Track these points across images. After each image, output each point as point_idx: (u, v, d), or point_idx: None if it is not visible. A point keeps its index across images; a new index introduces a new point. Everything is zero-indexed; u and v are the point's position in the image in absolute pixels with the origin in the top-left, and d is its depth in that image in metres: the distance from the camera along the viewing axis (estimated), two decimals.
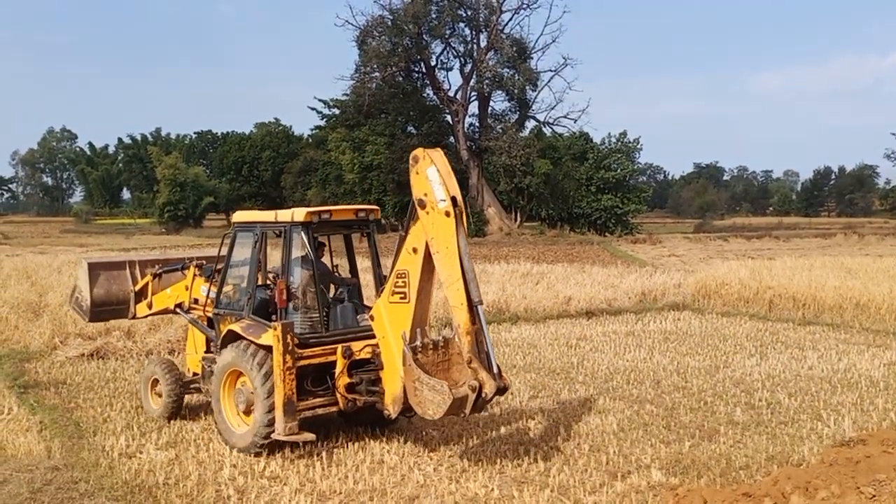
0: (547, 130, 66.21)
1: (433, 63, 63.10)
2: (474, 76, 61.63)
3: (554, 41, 68.19)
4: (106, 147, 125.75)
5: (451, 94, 63.24)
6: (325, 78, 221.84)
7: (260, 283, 10.55)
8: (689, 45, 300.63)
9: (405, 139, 62.87)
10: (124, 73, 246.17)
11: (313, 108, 77.25)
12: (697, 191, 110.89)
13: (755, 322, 20.14)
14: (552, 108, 63.14)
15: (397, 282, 9.37)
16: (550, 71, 62.23)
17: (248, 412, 9.88)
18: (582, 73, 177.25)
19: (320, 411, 9.94)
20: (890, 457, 7.33)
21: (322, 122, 77.72)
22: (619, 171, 65.92)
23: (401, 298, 9.33)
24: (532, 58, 62.11)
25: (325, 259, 10.90)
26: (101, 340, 15.94)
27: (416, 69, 64.06)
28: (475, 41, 62.38)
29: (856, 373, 14.12)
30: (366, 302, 10.85)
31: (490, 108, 63.61)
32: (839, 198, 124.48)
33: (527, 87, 61.67)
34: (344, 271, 11.17)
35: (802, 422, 11.16)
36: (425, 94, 65.39)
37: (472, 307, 8.80)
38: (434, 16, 60.33)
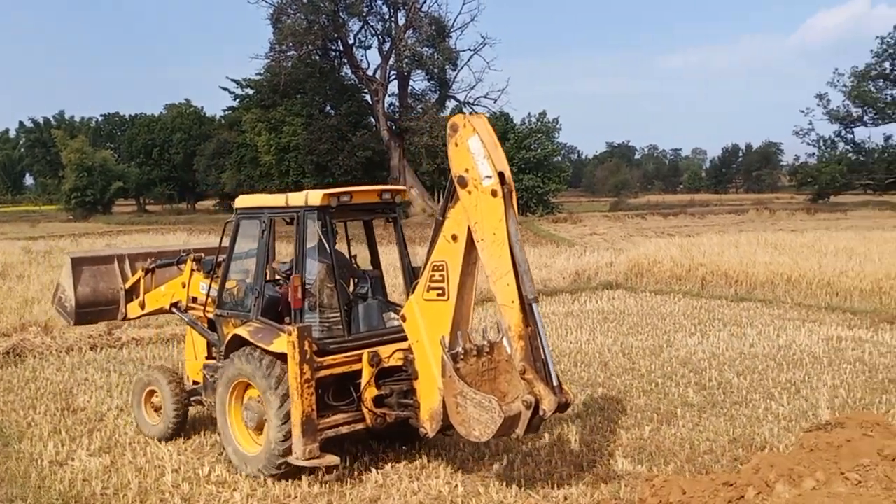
0: (467, 110, 65.88)
1: (351, 41, 62.18)
2: (393, 55, 60.86)
3: (472, 20, 68.45)
4: (6, 131, 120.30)
5: (369, 73, 62.49)
6: (238, 57, 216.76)
7: (267, 278, 9.20)
8: (602, 24, 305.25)
9: (323, 119, 61.78)
10: (23, 52, 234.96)
11: (225, 89, 74.98)
12: (611, 170, 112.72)
13: (689, 300, 20.26)
14: (472, 88, 63.15)
15: (434, 275, 7.98)
16: (470, 50, 62.10)
17: (259, 429, 8.52)
18: (501, 53, 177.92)
19: (344, 430, 8.39)
20: (872, 440, 7.20)
21: (235, 103, 75.56)
22: (539, 150, 66.20)
23: (438, 295, 7.96)
24: (451, 37, 61.80)
25: (341, 248, 9.39)
26: (17, 337, 14.82)
27: (334, 48, 62.93)
28: (393, 19, 61.58)
29: (797, 349, 14.23)
30: (391, 298, 9.69)
31: (410, 88, 63.08)
32: (746, 174, 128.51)
33: (446, 67, 61.33)
34: (363, 262, 9.71)
35: (756, 402, 11.10)
36: (343, 74, 64.42)
37: (524, 306, 7.44)
38: None
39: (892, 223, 44.56)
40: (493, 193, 7.49)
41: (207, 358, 9.88)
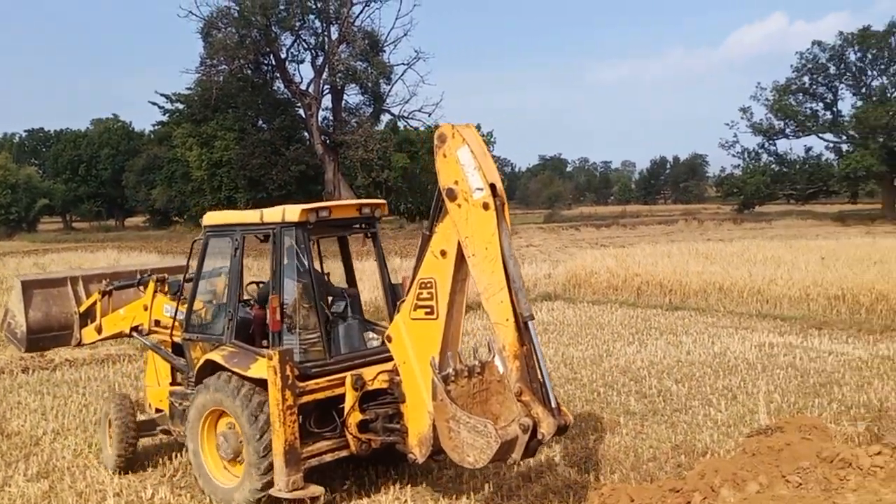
0: (402, 124, 66.10)
1: (283, 56, 61.66)
2: (326, 69, 60.61)
3: (406, 34, 68.38)
4: None
5: (303, 87, 62.04)
6: (168, 71, 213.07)
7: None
8: (533, 39, 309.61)
9: (256, 134, 61.29)
10: None
11: (155, 103, 73.64)
12: (544, 182, 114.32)
13: (626, 309, 20.61)
14: (406, 102, 63.10)
15: (421, 293, 7.56)
16: (403, 64, 62.12)
17: (235, 461, 8.07)
18: (434, 67, 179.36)
19: (328, 458, 7.99)
20: (810, 443, 7.44)
21: (165, 118, 74.24)
22: None
23: (426, 314, 7.54)
24: (384, 51, 61.85)
25: (315, 265, 8.93)
26: None
27: (266, 62, 62.37)
28: (326, 34, 61.40)
29: (732, 356, 14.59)
30: (368, 317, 9.30)
31: (344, 102, 62.94)
32: (674, 186, 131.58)
33: (380, 81, 61.31)
34: (337, 280, 9.38)
35: (696, 408, 11.33)
36: (276, 88, 63.99)
37: (519, 324, 7.09)
38: (283, 7, 58.89)
39: (815, 232, 46.17)
40: (485, 206, 7.17)
41: (172, 384, 9.40)
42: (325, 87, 61.83)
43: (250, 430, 7.72)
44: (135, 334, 9.88)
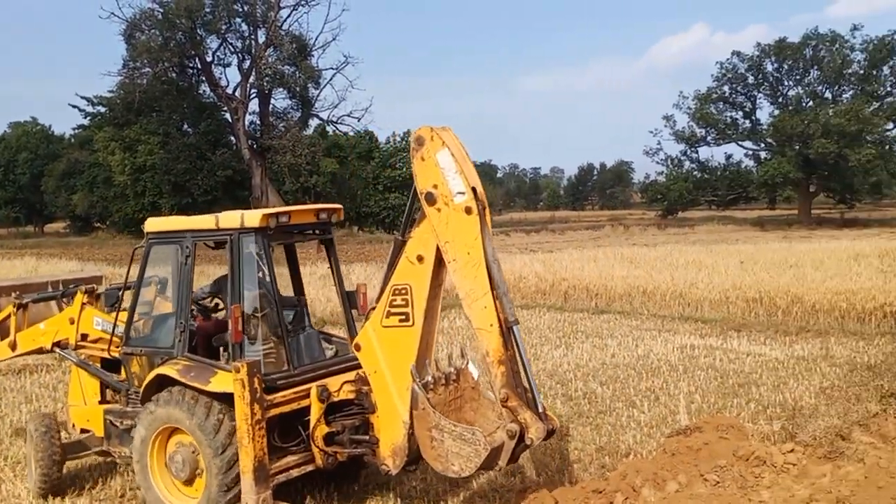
0: (331, 129, 65.64)
1: (209, 59, 60.53)
2: (254, 73, 59.81)
3: (334, 39, 68.01)
4: None
5: (229, 91, 61.00)
6: (89, 73, 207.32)
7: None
8: (465, 45, 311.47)
9: (181, 138, 59.99)
10: None
11: (75, 106, 71.45)
12: None
13: (553, 313, 20.86)
14: (335, 107, 62.87)
15: (395, 300, 7.37)
16: (332, 69, 61.69)
17: (191, 481, 7.70)
18: (364, 72, 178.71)
19: (295, 473, 7.73)
20: (727, 442, 7.63)
21: (86, 121, 72.11)
22: (405, 169, 66.58)
23: (401, 321, 7.37)
24: (313, 55, 61.35)
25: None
26: None
27: (191, 65, 61.15)
28: (253, 37, 60.50)
29: (654, 358, 14.91)
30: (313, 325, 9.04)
31: (271, 106, 62.04)
32: (601, 192, 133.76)
33: (309, 85, 60.76)
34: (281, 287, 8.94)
35: (619, 410, 11.54)
36: (202, 91, 62.73)
37: (504, 329, 7.02)
38: (208, 10, 57.86)
39: (735, 237, 47.56)
40: (468, 210, 7.04)
41: (102, 402, 8.93)
42: (252, 91, 60.99)
43: (211, 447, 7.38)
44: (58, 350, 9.33)
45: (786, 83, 69.86)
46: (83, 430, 8.98)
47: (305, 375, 7.96)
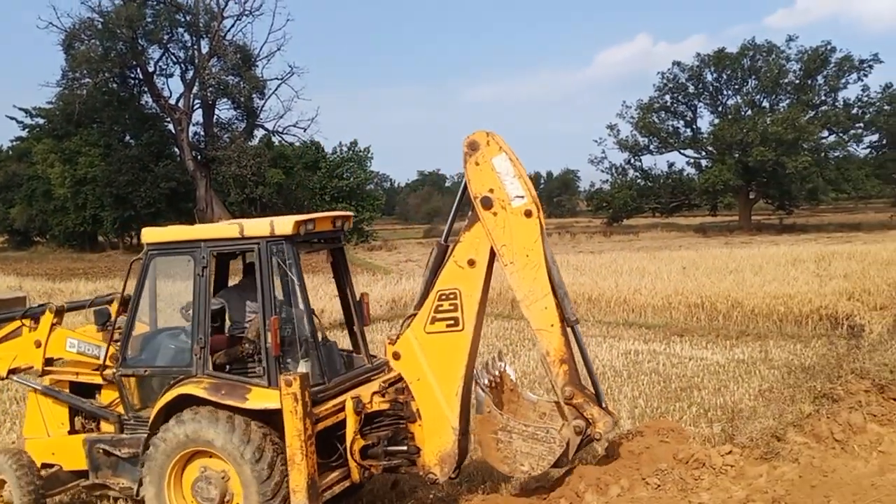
0: (277, 139, 65.14)
1: (151, 69, 59.58)
2: (197, 83, 59.06)
3: (279, 49, 67.19)
4: None
5: (172, 101, 60.10)
6: (26, 84, 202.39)
7: (173, 324, 8.00)
8: (411, 56, 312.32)
9: (123, 150, 58.98)
10: None
11: (13, 118, 69.81)
12: (423, 197, 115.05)
13: (501, 321, 20.99)
14: (281, 117, 62.30)
15: (441, 305, 7.35)
16: (277, 79, 61.23)
17: None
18: (310, 82, 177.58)
19: (337, 489, 7.44)
20: (668, 446, 7.79)
21: (24, 133, 70.51)
22: (352, 179, 66.44)
23: (449, 326, 7.34)
24: (257, 65, 60.80)
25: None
26: None
27: (133, 75, 60.09)
28: (196, 47, 59.76)
29: (599, 364, 15.08)
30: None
31: (216, 117, 61.33)
32: (549, 200, 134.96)
33: (254, 96, 60.18)
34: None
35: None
36: (144, 102, 61.57)
37: (565, 329, 7.23)
38: (150, 20, 56.97)
39: (678, 243, 48.45)
40: (528, 214, 7.20)
41: (74, 432, 8.37)
42: (196, 101, 60.23)
43: (253, 470, 7.00)
44: (14, 378, 8.73)
45: (725, 92, 71.47)
46: (45, 465, 8.36)
47: (339, 388, 7.71)
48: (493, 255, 7.34)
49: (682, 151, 73.37)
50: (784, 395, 11.92)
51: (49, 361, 8.47)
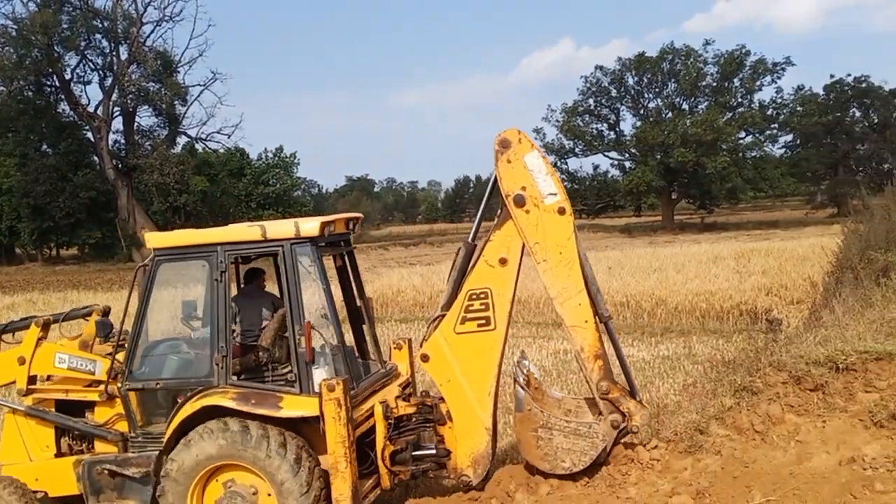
0: (200, 147, 64.02)
1: (68, 76, 58.03)
2: (116, 90, 57.64)
3: (201, 55, 66.73)
4: None
5: (90, 109, 58.58)
6: None
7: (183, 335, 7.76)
8: (336, 62, 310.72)
9: (40, 159, 57.21)
10: None
11: None
12: (352, 203, 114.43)
13: None
14: (204, 124, 61.50)
15: (471, 304, 7.30)
16: (199, 85, 60.45)
17: None
18: (233, 88, 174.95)
19: (371, 497, 7.32)
20: None
21: None
22: (278, 185, 65.72)
23: (480, 326, 7.30)
24: (179, 72, 59.90)
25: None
26: None
27: (49, 83, 58.47)
28: (115, 54, 58.37)
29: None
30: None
31: (137, 124, 60.21)
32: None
33: (175, 102, 59.14)
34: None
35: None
36: (61, 110, 59.95)
37: (598, 325, 7.29)
38: (66, 26, 55.49)
39: (604, 243, 49.39)
40: (561, 211, 7.21)
41: (61, 454, 7.90)
42: (116, 108, 58.88)
43: (292, 482, 6.76)
44: None
45: (646, 95, 73.04)
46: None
47: (365, 393, 7.60)
48: (523, 252, 7.34)
49: (606, 154, 74.78)
50: (706, 389, 12.17)
51: (32, 380, 7.94)
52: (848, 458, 6.61)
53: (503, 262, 7.35)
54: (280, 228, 7.34)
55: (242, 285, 8.46)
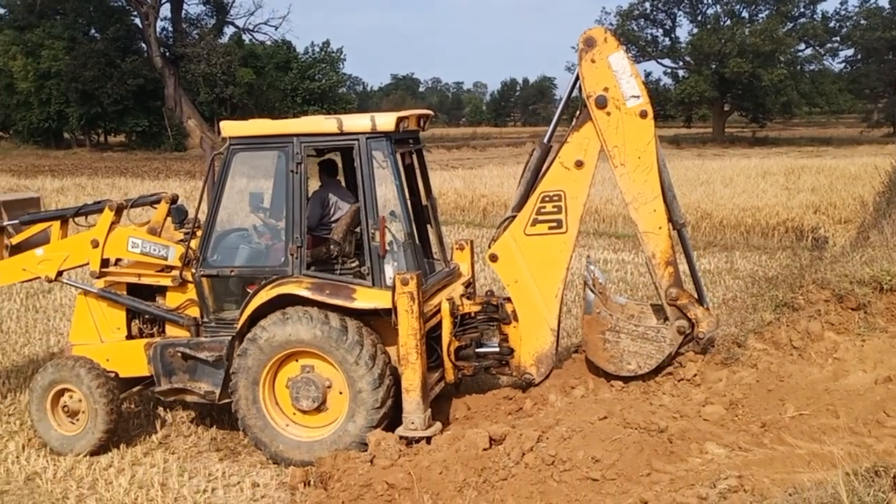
0: (247, 38, 63.54)
1: None
2: None
3: None
4: None
5: None
6: None
7: (245, 224, 7.84)
8: None
9: (88, 44, 57.26)
10: None
11: None
12: (396, 102, 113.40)
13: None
14: (251, 14, 61.88)
15: (544, 207, 7.33)
16: None
17: (318, 410, 7.24)
18: None
19: (437, 390, 7.57)
20: None
21: None
22: (323, 81, 65.27)
23: (551, 228, 7.35)
24: None
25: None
26: None
27: None
28: None
29: (571, 273, 15.22)
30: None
31: (184, 12, 59.75)
32: (524, 108, 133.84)
33: None
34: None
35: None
36: None
37: (671, 231, 7.26)
38: None
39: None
40: (643, 114, 7.06)
41: (132, 337, 8.10)
42: None
43: (363, 368, 6.98)
44: (65, 280, 8.27)
45: (705, 1, 70.40)
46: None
47: (431, 290, 7.70)
48: (600, 156, 7.29)
49: (659, 61, 72.71)
50: (747, 303, 12.20)
51: (104, 263, 8.04)
52: (884, 377, 6.63)
53: (579, 164, 7.30)
54: (356, 122, 7.34)
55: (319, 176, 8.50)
